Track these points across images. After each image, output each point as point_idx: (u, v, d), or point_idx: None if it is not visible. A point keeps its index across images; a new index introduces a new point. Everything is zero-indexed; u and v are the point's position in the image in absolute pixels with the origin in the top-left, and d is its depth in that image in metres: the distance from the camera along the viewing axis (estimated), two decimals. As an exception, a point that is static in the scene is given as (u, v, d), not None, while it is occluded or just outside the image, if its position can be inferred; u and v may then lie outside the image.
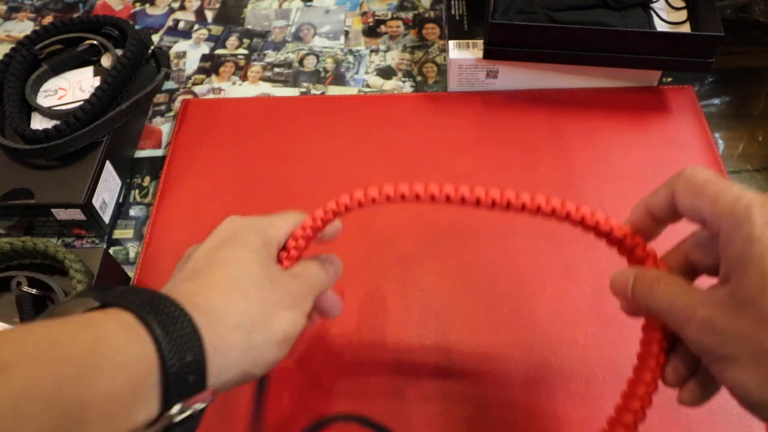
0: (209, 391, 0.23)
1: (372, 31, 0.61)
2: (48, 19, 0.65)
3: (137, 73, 0.51)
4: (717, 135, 0.52)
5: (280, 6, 0.64)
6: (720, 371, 0.23)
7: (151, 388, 0.22)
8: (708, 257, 0.26)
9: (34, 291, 0.39)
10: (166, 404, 0.22)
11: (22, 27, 0.64)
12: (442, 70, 0.57)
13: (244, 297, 0.26)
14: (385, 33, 0.61)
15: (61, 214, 0.45)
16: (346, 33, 0.61)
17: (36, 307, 0.39)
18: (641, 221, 0.28)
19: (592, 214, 0.28)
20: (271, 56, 0.60)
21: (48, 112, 0.48)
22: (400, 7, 0.63)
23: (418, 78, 0.57)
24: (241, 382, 0.26)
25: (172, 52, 0.61)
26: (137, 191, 0.51)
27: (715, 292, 0.24)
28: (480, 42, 0.51)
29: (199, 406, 0.23)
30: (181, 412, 0.22)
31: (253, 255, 0.28)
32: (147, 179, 0.51)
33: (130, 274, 0.45)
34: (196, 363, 0.22)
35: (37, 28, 0.57)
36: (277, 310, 0.26)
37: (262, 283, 0.27)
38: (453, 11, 0.55)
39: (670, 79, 0.54)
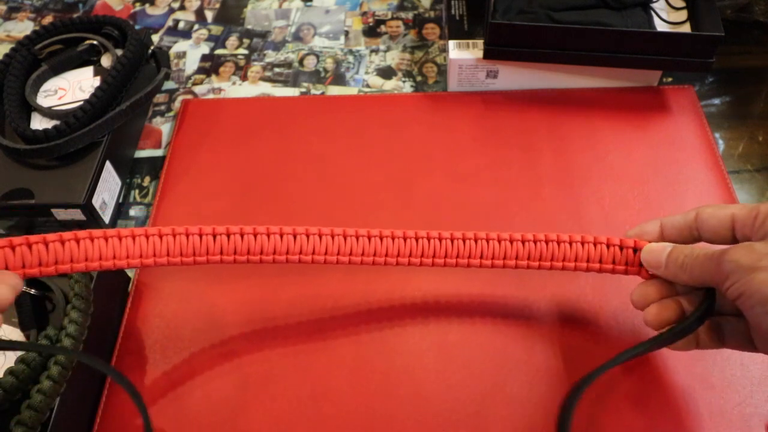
0: None
1: (372, 31, 0.61)
2: (48, 19, 0.65)
3: (137, 73, 0.51)
4: (717, 135, 0.52)
5: (280, 6, 0.64)
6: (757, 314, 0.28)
7: None
8: None
9: (33, 291, 0.39)
10: None
11: (22, 27, 0.64)
12: (442, 70, 0.57)
13: None
14: (385, 33, 0.61)
15: (61, 214, 0.45)
16: (346, 33, 0.61)
17: (35, 308, 0.39)
18: None
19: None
20: (271, 56, 0.60)
21: (48, 112, 0.48)
22: (400, 7, 0.63)
23: (418, 78, 0.57)
24: None
25: (172, 52, 0.61)
26: (137, 191, 0.51)
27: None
28: (480, 42, 0.51)
29: None
30: None
31: None
32: (147, 179, 0.51)
33: (130, 274, 0.45)
34: None
35: (37, 28, 0.57)
36: None
37: None
38: (453, 11, 0.55)
39: (670, 79, 0.54)
